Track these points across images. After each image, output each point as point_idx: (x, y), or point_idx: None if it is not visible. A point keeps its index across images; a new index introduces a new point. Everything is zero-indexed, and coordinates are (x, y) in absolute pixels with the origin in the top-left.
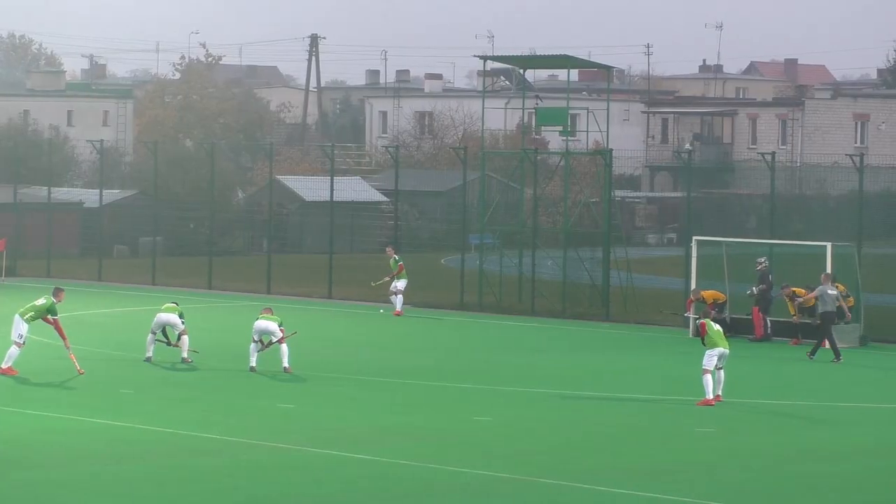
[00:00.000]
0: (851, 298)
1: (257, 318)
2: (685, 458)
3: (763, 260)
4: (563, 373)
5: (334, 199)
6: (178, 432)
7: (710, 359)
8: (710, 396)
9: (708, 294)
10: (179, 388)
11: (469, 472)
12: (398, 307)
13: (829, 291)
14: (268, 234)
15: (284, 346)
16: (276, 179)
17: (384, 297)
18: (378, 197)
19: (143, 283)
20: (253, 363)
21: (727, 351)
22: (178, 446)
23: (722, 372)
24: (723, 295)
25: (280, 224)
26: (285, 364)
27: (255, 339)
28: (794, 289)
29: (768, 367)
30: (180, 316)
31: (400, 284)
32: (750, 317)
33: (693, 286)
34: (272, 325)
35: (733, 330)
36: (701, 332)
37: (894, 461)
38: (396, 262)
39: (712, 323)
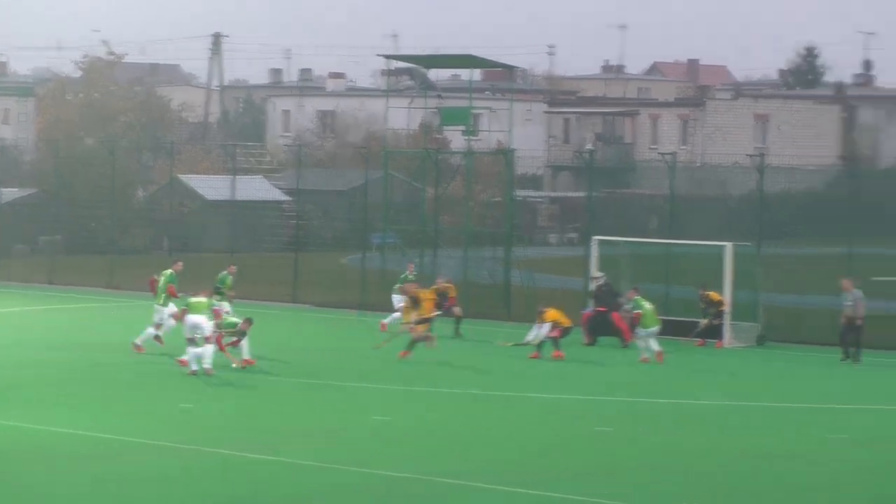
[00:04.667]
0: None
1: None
2: (585, 458)
3: (601, 276)
4: (460, 371)
5: (236, 198)
6: (72, 433)
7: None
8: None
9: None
10: (60, 389)
11: (357, 470)
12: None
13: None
14: (168, 233)
15: (210, 347)
16: (176, 178)
17: (283, 297)
18: (280, 196)
19: (43, 283)
20: (195, 367)
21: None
22: (66, 449)
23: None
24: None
25: (181, 223)
26: (206, 365)
27: (189, 337)
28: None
29: (672, 369)
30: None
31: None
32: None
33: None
34: (201, 319)
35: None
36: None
37: (786, 462)
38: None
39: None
